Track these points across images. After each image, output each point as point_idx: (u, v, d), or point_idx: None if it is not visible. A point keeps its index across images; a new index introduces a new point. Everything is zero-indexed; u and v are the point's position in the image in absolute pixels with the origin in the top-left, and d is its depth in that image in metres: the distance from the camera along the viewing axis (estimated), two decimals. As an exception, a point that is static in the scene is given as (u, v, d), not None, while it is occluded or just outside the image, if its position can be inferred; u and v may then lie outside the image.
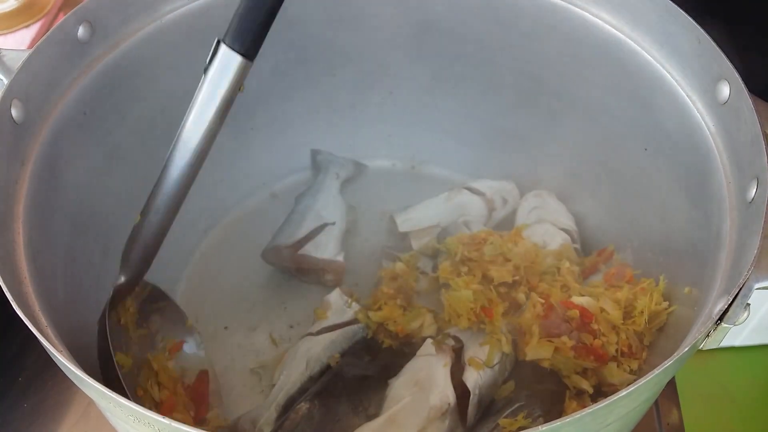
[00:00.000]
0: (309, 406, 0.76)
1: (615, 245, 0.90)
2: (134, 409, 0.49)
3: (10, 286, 0.58)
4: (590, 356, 0.75)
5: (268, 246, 0.95)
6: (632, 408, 0.54)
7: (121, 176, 0.86)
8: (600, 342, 0.76)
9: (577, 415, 0.48)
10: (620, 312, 0.77)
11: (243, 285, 0.96)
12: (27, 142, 0.71)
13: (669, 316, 0.77)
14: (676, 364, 0.53)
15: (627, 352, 0.76)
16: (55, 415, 0.86)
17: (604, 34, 0.83)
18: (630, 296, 0.78)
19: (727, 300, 0.56)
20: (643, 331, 0.76)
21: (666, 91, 0.77)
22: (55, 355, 0.54)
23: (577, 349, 0.76)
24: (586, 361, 0.76)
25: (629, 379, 0.75)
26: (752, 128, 0.65)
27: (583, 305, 0.78)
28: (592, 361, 0.76)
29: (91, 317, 0.77)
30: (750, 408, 0.88)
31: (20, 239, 0.66)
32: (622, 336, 0.76)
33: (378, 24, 0.95)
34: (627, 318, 0.77)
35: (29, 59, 0.71)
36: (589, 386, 0.76)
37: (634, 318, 0.77)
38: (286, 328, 0.93)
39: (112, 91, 0.81)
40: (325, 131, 1.05)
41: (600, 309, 0.78)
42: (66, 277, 0.73)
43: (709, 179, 0.70)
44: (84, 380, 0.52)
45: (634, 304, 0.77)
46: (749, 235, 0.61)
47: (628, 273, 0.82)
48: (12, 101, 0.69)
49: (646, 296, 0.77)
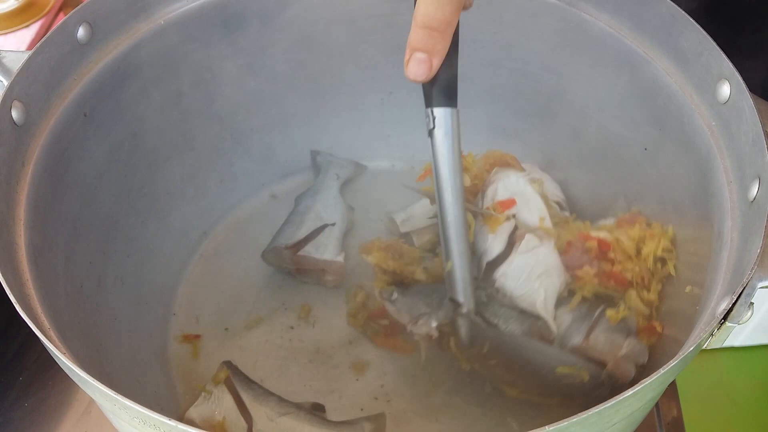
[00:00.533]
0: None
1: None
2: (140, 411, 0.49)
3: (13, 288, 0.58)
4: (611, 281, 0.79)
5: (268, 247, 0.95)
6: (638, 407, 0.55)
7: (122, 178, 0.86)
8: (619, 268, 0.80)
9: (584, 415, 0.48)
10: (634, 243, 0.81)
11: (243, 286, 0.96)
12: (27, 144, 0.71)
13: (671, 301, 0.79)
14: (681, 363, 0.53)
15: (641, 283, 0.80)
16: (56, 415, 0.86)
17: (604, 35, 0.83)
18: (642, 234, 0.81)
19: (731, 299, 0.56)
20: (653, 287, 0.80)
21: (666, 91, 0.77)
22: (59, 357, 0.54)
23: (600, 276, 0.80)
24: (608, 287, 0.80)
25: (644, 311, 0.79)
26: (753, 127, 0.65)
27: (599, 237, 0.82)
28: (613, 286, 0.80)
29: (92, 319, 0.77)
30: (750, 408, 0.88)
31: (22, 241, 0.66)
32: (635, 268, 0.80)
33: (377, 24, 0.95)
34: (638, 255, 0.81)
35: (29, 60, 0.70)
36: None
37: (644, 256, 0.80)
38: (287, 328, 0.93)
39: (112, 93, 0.81)
40: (324, 132, 1.05)
41: (616, 239, 0.82)
42: (67, 278, 0.73)
43: (711, 179, 0.71)
44: (87, 381, 0.52)
45: (642, 245, 0.81)
46: (751, 234, 0.61)
47: (641, 219, 0.84)
48: (12, 103, 0.69)
49: (655, 241, 0.80)
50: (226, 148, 1.00)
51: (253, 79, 0.96)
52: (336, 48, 0.97)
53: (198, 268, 0.98)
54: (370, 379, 0.87)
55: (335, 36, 0.96)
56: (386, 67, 1.00)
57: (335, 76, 1.01)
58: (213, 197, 1.01)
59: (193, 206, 0.98)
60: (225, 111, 0.97)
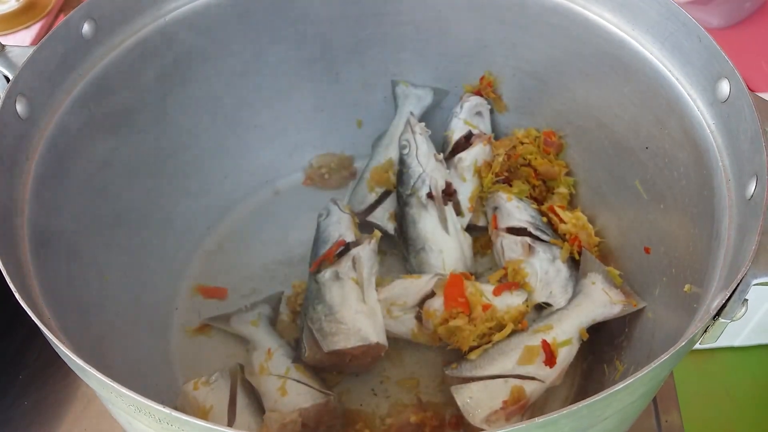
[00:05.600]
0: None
1: (616, 244, 0.91)
2: (135, 398, 0.50)
3: (14, 278, 0.58)
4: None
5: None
6: (629, 402, 0.55)
7: (126, 173, 0.86)
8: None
9: (574, 408, 0.48)
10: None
11: (246, 281, 0.97)
12: (32, 138, 0.72)
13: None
14: (672, 358, 0.53)
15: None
16: (56, 413, 0.87)
17: (606, 33, 0.83)
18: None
19: (725, 295, 0.56)
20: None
21: (666, 89, 0.77)
22: (58, 345, 0.54)
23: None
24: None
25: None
26: (752, 126, 0.65)
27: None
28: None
29: (94, 312, 0.77)
30: (749, 408, 0.88)
31: (24, 233, 0.67)
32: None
33: (381, 23, 0.96)
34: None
35: (34, 55, 0.71)
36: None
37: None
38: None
39: (116, 88, 0.82)
40: (327, 129, 1.06)
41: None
42: (69, 271, 0.74)
43: (709, 176, 0.71)
44: (86, 370, 0.52)
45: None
46: (747, 232, 0.61)
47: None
48: (17, 97, 0.70)
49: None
50: (230, 145, 1.00)
51: (256, 76, 0.97)
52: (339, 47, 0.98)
53: (200, 263, 0.99)
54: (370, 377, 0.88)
55: (338, 35, 0.97)
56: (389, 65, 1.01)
57: (339, 74, 1.01)
58: (216, 193, 1.01)
59: (197, 202, 0.99)
60: (230, 107, 0.97)
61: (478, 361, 0.80)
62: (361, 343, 0.81)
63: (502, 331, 0.82)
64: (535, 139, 0.97)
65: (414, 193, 0.93)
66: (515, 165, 0.97)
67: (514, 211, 0.92)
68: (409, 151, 0.95)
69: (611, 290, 0.84)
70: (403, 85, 1.03)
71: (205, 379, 0.80)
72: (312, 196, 1.05)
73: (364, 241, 0.89)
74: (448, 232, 0.92)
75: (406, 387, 0.87)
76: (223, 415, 0.77)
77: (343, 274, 0.86)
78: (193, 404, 0.78)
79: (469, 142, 0.98)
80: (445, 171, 0.96)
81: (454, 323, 0.83)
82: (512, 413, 0.76)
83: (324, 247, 0.90)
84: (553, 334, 0.81)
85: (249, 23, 0.92)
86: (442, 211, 0.93)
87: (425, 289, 0.87)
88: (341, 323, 0.82)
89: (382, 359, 0.85)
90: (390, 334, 0.85)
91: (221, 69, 0.93)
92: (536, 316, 0.86)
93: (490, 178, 0.96)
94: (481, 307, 0.84)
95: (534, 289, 0.87)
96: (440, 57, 0.99)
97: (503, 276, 0.90)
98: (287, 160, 1.06)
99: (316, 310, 0.84)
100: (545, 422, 0.48)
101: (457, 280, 0.86)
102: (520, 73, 0.97)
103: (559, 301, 0.86)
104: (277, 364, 0.83)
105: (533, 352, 0.79)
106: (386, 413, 0.85)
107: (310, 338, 0.83)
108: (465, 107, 0.99)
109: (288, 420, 0.76)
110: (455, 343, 0.84)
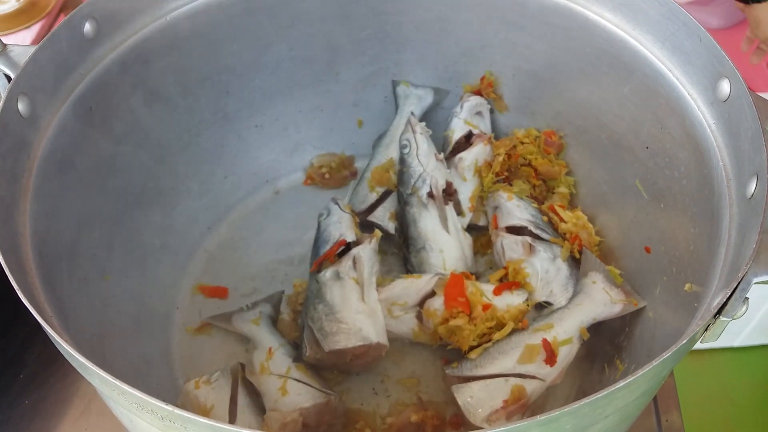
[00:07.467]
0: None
1: (616, 243, 0.91)
2: (138, 396, 0.50)
3: (16, 275, 0.58)
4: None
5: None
6: (630, 400, 0.55)
7: (127, 172, 0.86)
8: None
9: (576, 405, 0.48)
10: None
11: (247, 281, 0.97)
12: (33, 136, 0.72)
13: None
14: (673, 356, 0.53)
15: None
16: (57, 412, 0.87)
17: (606, 33, 0.83)
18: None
19: (726, 293, 0.56)
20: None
21: (667, 89, 0.77)
22: (61, 343, 0.55)
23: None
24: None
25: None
26: (752, 125, 0.65)
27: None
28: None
29: (96, 311, 0.77)
30: (749, 408, 0.89)
31: (26, 231, 0.67)
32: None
33: (381, 23, 0.96)
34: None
35: (35, 55, 0.72)
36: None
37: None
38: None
39: (117, 88, 0.82)
40: (328, 129, 1.06)
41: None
42: (71, 270, 0.74)
43: (709, 176, 0.71)
44: (89, 368, 0.52)
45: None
46: (748, 231, 0.61)
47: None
48: (19, 95, 0.70)
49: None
50: (230, 145, 1.01)
51: (257, 77, 0.97)
52: (339, 47, 0.99)
53: (202, 263, 0.99)
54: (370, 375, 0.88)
55: (338, 34, 0.97)
56: (390, 66, 1.01)
57: (339, 74, 1.02)
58: (217, 194, 1.01)
59: (198, 201, 0.99)
60: (230, 107, 0.98)
61: (479, 361, 0.80)
62: (361, 342, 0.81)
63: (503, 330, 0.82)
64: (536, 138, 0.97)
65: (415, 193, 0.93)
66: (515, 165, 0.97)
67: (514, 209, 0.92)
68: (409, 151, 0.96)
69: (612, 289, 0.84)
70: (404, 85, 1.03)
71: (206, 378, 0.80)
72: (312, 195, 1.06)
73: (364, 240, 0.89)
74: (448, 232, 0.92)
75: (406, 386, 0.87)
76: (224, 415, 0.78)
77: (344, 273, 0.86)
78: (194, 403, 0.78)
79: (470, 141, 0.98)
80: (446, 171, 0.96)
81: (454, 323, 0.83)
82: (513, 412, 0.76)
83: (325, 247, 0.90)
84: (553, 333, 0.81)
85: (249, 23, 0.92)
86: (443, 210, 0.93)
87: (426, 289, 0.87)
88: (342, 323, 0.82)
89: (382, 359, 0.85)
90: (391, 334, 0.85)
91: (221, 69, 0.94)
92: (537, 315, 0.86)
93: (490, 178, 0.96)
94: (481, 307, 0.84)
95: (534, 288, 0.88)
96: (440, 57, 1.00)
97: (504, 275, 0.90)
98: (288, 159, 1.06)
99: (317, 310, 0.84)
100: (547, 420, 0.48)
101: (457, 279, 0.86)
102: (520, 73, 0.97)
103: (560, 300, 0.86)
104: (278, 363, 0.83)
105: (534, 351, 0.79)
106: (387, 412, 0.85)
107: (311, 338, 0.83)
108: (465, 107, 0.99)
109: (289, 419, 0.76)
110: (456, 343, 0.84)
